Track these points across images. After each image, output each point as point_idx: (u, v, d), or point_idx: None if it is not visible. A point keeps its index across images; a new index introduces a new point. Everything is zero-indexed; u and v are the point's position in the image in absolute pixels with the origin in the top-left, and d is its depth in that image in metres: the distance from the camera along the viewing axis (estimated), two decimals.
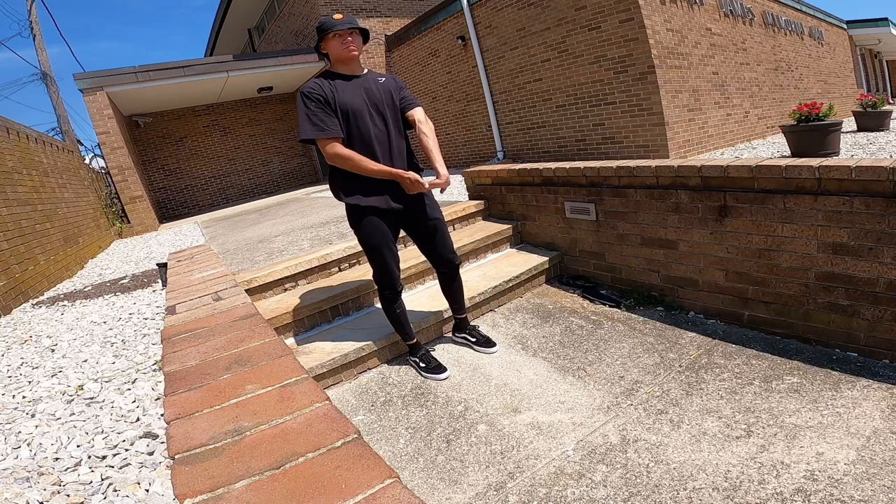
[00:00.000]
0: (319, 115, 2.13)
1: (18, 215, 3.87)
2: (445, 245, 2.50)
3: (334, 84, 2.19)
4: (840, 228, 2.25)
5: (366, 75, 2.30)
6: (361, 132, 2.19)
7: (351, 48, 2.18)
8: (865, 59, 15.61)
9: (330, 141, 2.15)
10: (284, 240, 4.34)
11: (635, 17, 5.62)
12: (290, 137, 12.44)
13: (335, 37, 2.16)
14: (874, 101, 6.30)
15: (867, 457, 1.67)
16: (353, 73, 2.25)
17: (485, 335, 2.77)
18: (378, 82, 2.28)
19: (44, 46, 10.32)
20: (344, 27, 2.14)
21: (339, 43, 2.17)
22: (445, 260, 2.52)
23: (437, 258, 2.52)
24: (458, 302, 2.69)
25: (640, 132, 6.03)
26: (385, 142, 2.25)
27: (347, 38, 2.17)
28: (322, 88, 2.16)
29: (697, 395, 2.17)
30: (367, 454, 0.87)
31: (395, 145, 2.28)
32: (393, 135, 2.28)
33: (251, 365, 1.32)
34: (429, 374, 2.54)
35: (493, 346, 2.71)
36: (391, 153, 2.27)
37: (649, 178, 2.95)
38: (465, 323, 2.80)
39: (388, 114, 2.27)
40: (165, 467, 1.02)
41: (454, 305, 2.71)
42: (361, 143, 2.19)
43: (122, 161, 8.02)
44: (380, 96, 2.25)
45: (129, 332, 2.20)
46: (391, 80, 2.35)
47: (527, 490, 1.76)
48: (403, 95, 2.35)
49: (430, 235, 2.46)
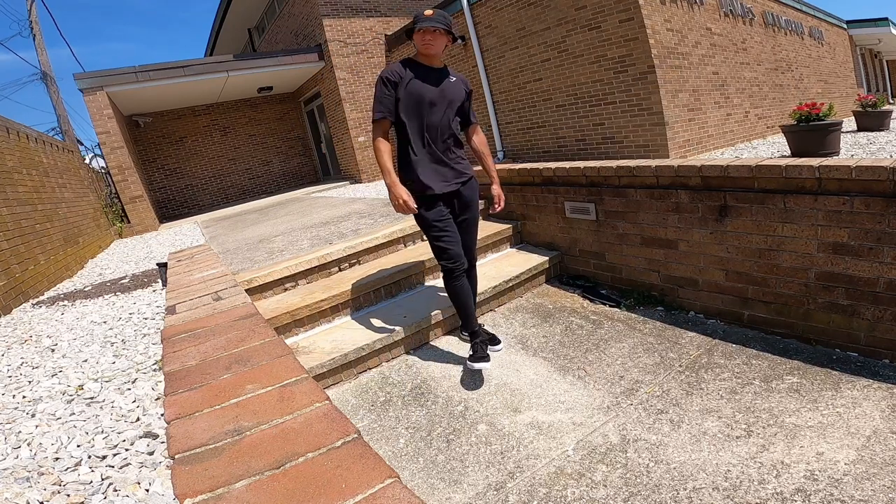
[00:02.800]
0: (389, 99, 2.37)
1: (18, 215, 3.87)
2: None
3: (415, 70, 2.40)
4: (840, 228, 2.25)
5: (442, 70, 2.49)
6: (421, 119, 2.40)
7: (427, 45, 2.37)
8: (865, 58, 15.61)
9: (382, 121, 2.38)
10: (284, 240, 4.34)
11: (635, 17, 5.62)
12: (290, 137, 12.44)
13: (420, 32, 2.36)
14: (874, 101, 6.30)
15: (867, 457, 1.67)
16: (430, 65, 2.45)
17: (490, 333, 2.76)
18: (450, 80, 2.49)
19: (44, 46, 10.31)
20: (426, 25, 2.33)
21: (420, 38, 2.37)
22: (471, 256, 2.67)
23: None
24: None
25: (640, 132, 6.02)
26: (438, 132, 2.43)
27: (426, 36, 2.36)
28: (399, 74, 2.38)
29: (697, 394, 2.17)
30: (368, 454, 0.87)
31: (447, 138, 2.47)
32: (448, 128, 2.46)
33: (251, 365, 1.32)
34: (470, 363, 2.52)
35: (497, 344, 2.69)
36: (443, 144, 2.46)
37: (649, 178, 2.95)
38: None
39: (451, 109, 2.47)
40: (165, 467, 1.02)
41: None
42: (420, 128, 2.41)
43: (122, 161, 8.02)
44: (448, 93, 2.45)
45: (129, 331, 2.20)
46: (462, 83, 2.55)
47: (527, 490, 1.76)
48: (470, 105, 2.61)
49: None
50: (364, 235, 3.70)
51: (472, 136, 2.70)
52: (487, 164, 2.71)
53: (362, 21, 9.79)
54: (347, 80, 9.68)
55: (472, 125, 2.67)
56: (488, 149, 2.75)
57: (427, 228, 2.49)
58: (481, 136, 2.73)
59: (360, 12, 9.78)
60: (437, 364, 2.67)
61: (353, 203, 6.33)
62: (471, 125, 2.67)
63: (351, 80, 9.73)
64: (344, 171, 10.93)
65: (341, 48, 9.56)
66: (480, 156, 2.71)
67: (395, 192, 2.35)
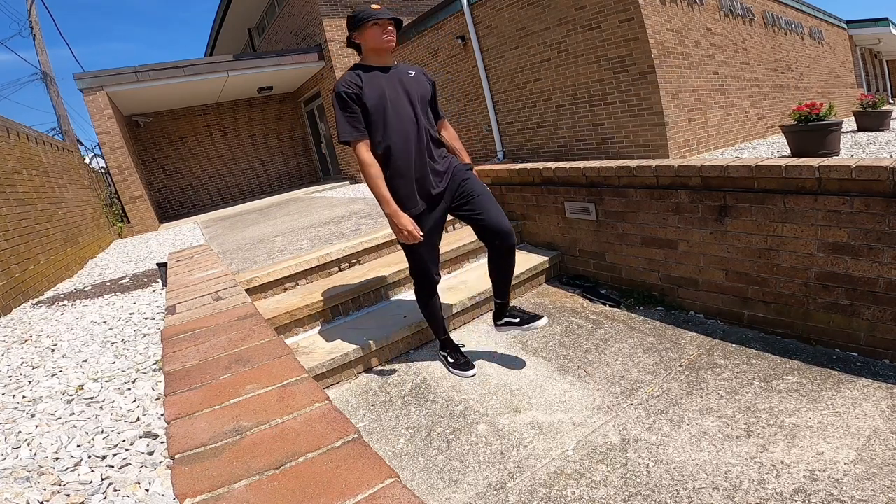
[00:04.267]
0: (357, 117, 2.13)
1: (18, 215, 3.87)
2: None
3: (370, 76, 2.16)
4: (840, 228, 2.25)
5: (398, 67, 2.27)
6: (396, 124, 2.17)
7: (389, 40, 2.15)
8: (865, 58, 15.60)
9: (359, 142, 2.15)
10: (284, 239, 4.34)
11: (635, 17, 5.62)
12: (290, 137, 12.44)
13: (374, 26, 2.12)
14: (874, 101, 6.30)
15: (867, 457, 1.67)
16: (386, 65, 2.23)
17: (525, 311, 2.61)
18: (409, 75, 2.27)
19: (44, 46, 10.31)
20: (385, 16, 2.11)
21: (380, 33, 2.13)
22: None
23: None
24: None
25: (640, 132, 6.02)
26: (415, 133, 2.23)
27: (388, 28, 2.14)
28: (357, 84, 2.13)
29: (697, 394, 2.17)
30: (368, 454, 0.87)
31: (426, 137, 2.27)
32: (425, 127, 2.26)
33: (251, 365, 1.32)
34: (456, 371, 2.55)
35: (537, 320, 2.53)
36: (423, 144, 2.25)
37: (649, 178, 2.95)
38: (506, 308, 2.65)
39: (421, 107, 2.25)
40: (165, 467, 1.02)
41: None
42: (396, 134, 2.17)
43: (122, 161, 8.02)
44: (415, 88, 2.24)
45: (129, 331, 2.20)
46: (422, 75, 2.34)
47: (527, 490, 1.76)
48: (436, 99, 2.39)
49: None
50: (364, 235, 3.70)
51: (441, 131, 2.45)
52: (461, 156, 2.46)
53: None
54: None
55: (440, 120, 2.44)
56: (460, 142, 2.52)
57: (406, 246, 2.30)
58: (451, 130, 2.50)
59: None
60: (438, 364, 2.67)
61: (353, 203, 6.33)
62: (440, 119, 2.44)
63: None
64: (344, 171, 10.93)
65: (341, 48, 9.55)
66: (454, 151, 2.48)
67: (399, 223, 2.14)
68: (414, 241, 2.17)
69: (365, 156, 2.14)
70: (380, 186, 2.14)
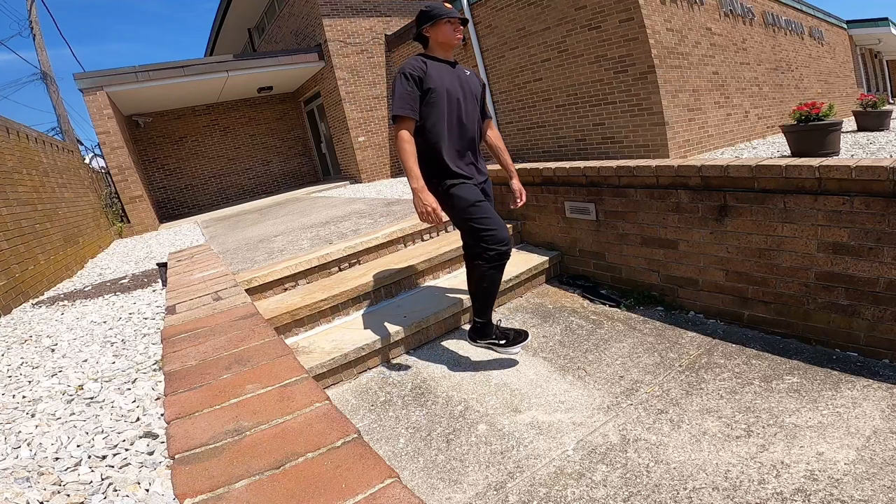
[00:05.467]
0: (415, 97, 2.22)
1: (18, 215, 3.87)
2: None
3: (435, 65, 2.28)
4: (840, 228, 2.25)
5: (456, 64, 2.40)
6: (452, 116, 2.29)
7: (460, 36, 2.30)
8: (865, 58, 15.61)
9: (407, 120, 2.23)
10: (284, 239, 4.34)
11: (635, 17, 5.62)
12: (290, 137, 12.44)
13: (448, 23, 2.27)
14: (874, 101, 6.30)
15: (867, 457, 1.67)
16: (448, 60, 2.36)
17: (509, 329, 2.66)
18: (466, 74, 2.41)
19: (44, 46, 10.31)
20: (457, 15, 2.25)
21: (451, 29, 2.28)
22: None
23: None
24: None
25: (640, 132, 6.02)
26: (466, 128, 2.35)
27: (459, 26, 2.28)
28: (422, 69, 2.24)
29: (697, 394, 2.17)
30: (368, 454, 0.87)
31: (474, 134, 2.40)
32: (474, 124, 2.39)
33: (251, 364, 1.32)
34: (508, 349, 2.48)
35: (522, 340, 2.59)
36: (470, 140, 2.38)
37: (649, 178, 2.95)
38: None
39: (473, 104, 2.39)
40: (165, 467, 1.02)
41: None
42: (449, 125, 2.28)
43: (122, 161, 8.02)
44: (469, 87, 2.37)
45: (129, 331, 2.20)
46: (475, 77, 2.48)
47: (527, 490, 1.76)
48: (485, 99, 2.53)
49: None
50: (364, 235, 3.70)
51: (486, 131, 2.61)
52: (505, 159, 2.64)
53: (362, 21, 9.79)
54: (347, 79, 9.68)
55: (486, 120, 2.57)
56: (504, 143, 2.68)
57: (463, 212, 2.26)
58: (496, 131, 2.64)
59: (360, 12, 9.78)
60: (437, 364, 2.67)
61: (353, 203, 6.33)
62: (486, 120, 2.56)
63: (351, 80, 9.73)
64: (344, 171, 10.93)
65: (341, 48, 9.56)
66: (498, 151, 2.63)
67: (424, 199, 2.15)
68: (436, 221, 2.21)
69: (405, 133, 2.22)
70: (411, 161, 2.20)
